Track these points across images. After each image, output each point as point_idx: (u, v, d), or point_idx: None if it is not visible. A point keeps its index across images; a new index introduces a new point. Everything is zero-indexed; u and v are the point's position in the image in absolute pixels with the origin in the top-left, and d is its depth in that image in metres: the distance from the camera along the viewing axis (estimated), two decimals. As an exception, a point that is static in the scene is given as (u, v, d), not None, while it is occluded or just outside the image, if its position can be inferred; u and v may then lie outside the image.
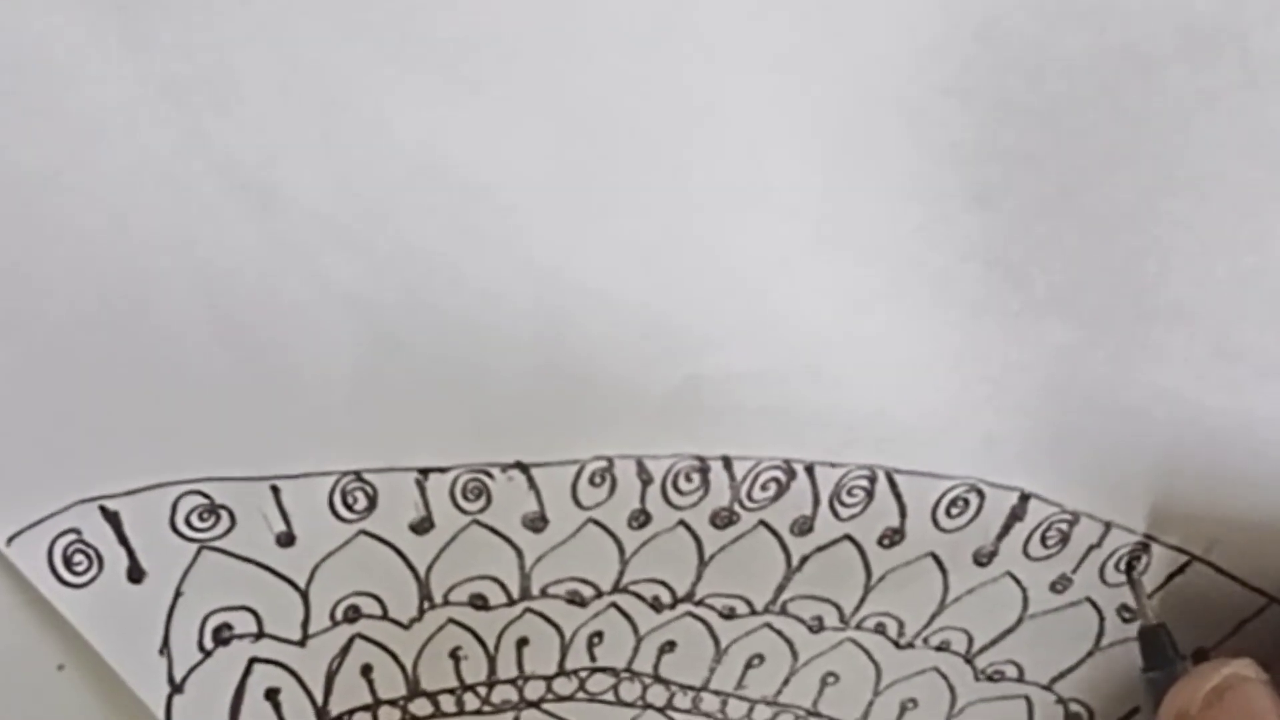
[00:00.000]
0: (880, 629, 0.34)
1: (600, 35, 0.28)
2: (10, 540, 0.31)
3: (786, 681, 0.35)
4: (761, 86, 0.29)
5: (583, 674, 0.34)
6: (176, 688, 0.32)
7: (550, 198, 0.30)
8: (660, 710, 0.35)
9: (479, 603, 0.33)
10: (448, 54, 0.28)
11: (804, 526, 0.33)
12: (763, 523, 0.33)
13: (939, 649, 0.34)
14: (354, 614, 0.33)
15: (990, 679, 0.35)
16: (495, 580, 0.33)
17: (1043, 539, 0.33)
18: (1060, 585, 0.34)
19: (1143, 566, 0.33)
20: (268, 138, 0.29)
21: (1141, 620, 0.33)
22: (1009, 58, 0.27)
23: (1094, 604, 0.34)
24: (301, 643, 0.33)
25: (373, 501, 0.32)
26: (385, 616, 0.33)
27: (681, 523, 0.33)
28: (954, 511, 0.33)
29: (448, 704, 0.34)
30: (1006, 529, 0.33)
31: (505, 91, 0.29)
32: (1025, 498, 0.33)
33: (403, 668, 0.34)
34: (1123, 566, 0.34)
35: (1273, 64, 0.27)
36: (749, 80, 0.29)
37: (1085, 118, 0.28)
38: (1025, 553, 0.33)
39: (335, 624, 0.33)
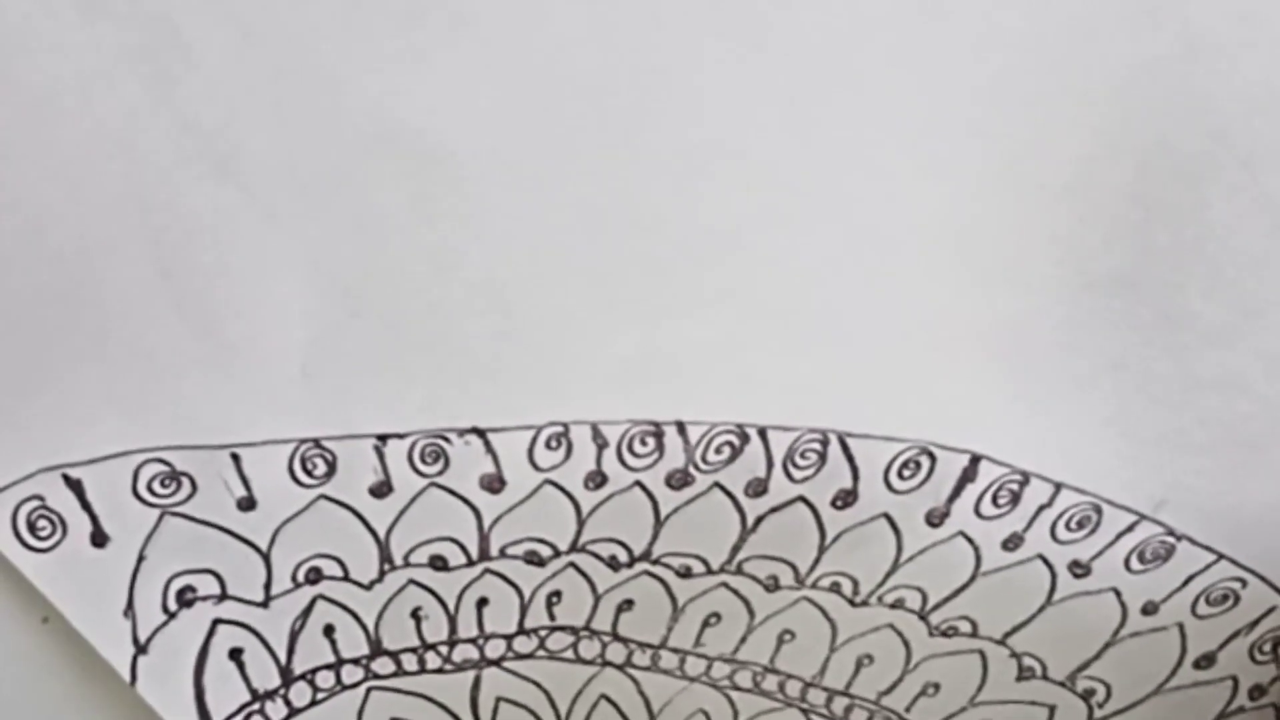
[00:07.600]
0: (835, 588, 0.34)
1: (552, 1, 0.28)
2: (-26, 506, 0.31)
3: (744, 639, 0.35)
4: (713, 53, 0.29)
5: (542, 633, 0.35)
6: (141, 648, 0.33)
7: (503, 164, 0.30)
8: (619, 668, 0.35)
9: (439, 564, 0.34)
10: (400, 19, 0.28)
11: (758, 488, 0.33)
12: (717, 484, 0.33)
13: (894, 606, 0.35)
14: (315, 576, 0.33)
15: (945, 635, 0.35)
16: (454, 541, 0.33)
17: (994, 499, 0.33)
18: (1012, 544, 0.34)
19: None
20: (222, 105, 0.29)
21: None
22: (951, 29, 0.27)
23: (1046, 561, 0.34)
24: (264, 604, 0.33)
25: (332, 467, 0.32)
26: (346, 578, 0.33)
27: (637, 484, 0.33)
28: (906, 473, 0.33)
29: (410, 663, 0.34)
30: (958, 490, 0.33)
31: (457, 57, 0.29)
32: (976, 460, 0.33)
33: (364, 628, 0.34)
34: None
35: (1213, 34, 0.27)
36: (701, 47, 0.29)
37: (1026, 88, 0.28)
38: (977, 512, 0.33)
39: (297, 585, 0.33)
